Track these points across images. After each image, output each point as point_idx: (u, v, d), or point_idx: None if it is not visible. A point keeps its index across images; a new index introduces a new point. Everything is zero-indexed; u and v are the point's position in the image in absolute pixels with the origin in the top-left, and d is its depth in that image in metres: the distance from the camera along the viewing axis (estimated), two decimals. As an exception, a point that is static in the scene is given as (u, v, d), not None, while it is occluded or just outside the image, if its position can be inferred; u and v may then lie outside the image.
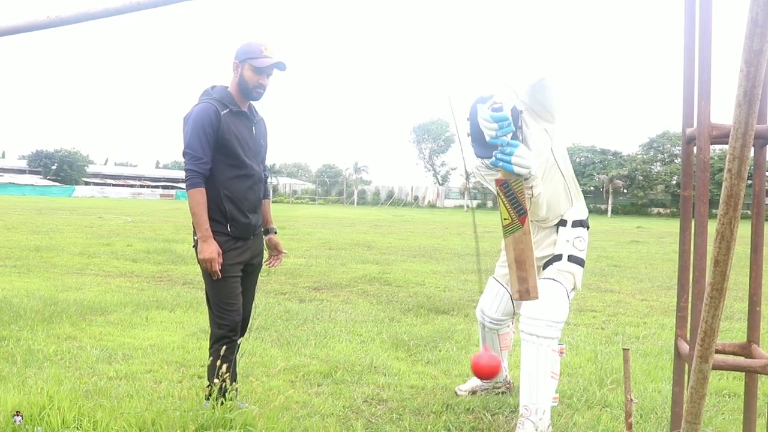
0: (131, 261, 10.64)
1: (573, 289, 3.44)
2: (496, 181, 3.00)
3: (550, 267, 3.46)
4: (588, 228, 3.54)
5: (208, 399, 3.15)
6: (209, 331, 3.42)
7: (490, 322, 3.88)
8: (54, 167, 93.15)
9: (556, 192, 3.41)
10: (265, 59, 3.28)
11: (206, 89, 3.39)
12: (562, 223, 3.49)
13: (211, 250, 3.19)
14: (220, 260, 3.23)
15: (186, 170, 3.21)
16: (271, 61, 3.29)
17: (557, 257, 3.44)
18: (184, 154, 3.23)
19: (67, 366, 4.35)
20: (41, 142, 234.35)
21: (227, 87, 3.38)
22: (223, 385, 3.11)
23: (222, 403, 3.00)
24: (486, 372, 3.16)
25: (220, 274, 3.24)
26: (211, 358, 3.28)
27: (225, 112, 3.26)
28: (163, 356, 4.67)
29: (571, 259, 3.42)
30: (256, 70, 3.29)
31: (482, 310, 3.89)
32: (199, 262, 3.26)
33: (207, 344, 5.03)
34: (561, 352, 3.53)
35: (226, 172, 3.28)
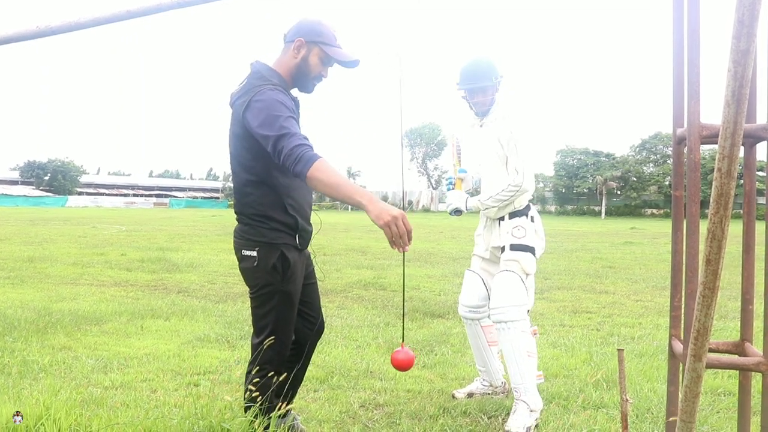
0: (125, 270, 10.60)
1: (526, 274, 3.74)
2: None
3: (501, 260, 3.81)
4: (528, 216, 3.81)
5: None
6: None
7: (469, 311, 4.04)
8: (47, 177, 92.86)
9: (498, 184, 3.79)
10: (339, 50, 2.76)
11: (256, 70, 2.75)
12: (502, 217, 3.84)
13: (391, 208, 2.34)
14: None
15: (294, 147, 2.43)
16: (347, 56, 2.77)
17: (503, 249, 3.81)
18: (280, 138, 2.46)
19: (63, 376, 4.33)
20: (33, 152, 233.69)
21: (271, 66, 2.78)
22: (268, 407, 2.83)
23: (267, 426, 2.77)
24: (400, 364, 2.93)
25: (408, 242, 2.38)
26: (252, 386, 2.85)
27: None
28: (158, 365, 4.65)
29: (513, 247, 3.75)
30: (325, 59, 2.75)
31: (460, 302, 4.13)
32: (381, 224, 2.34)
33: (203, 352, 5.04)
34: (534, 333, 3.82)
35: (287, 177, 2.72)
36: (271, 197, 2.75)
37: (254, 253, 2.76)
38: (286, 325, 2.89)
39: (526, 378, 3.60)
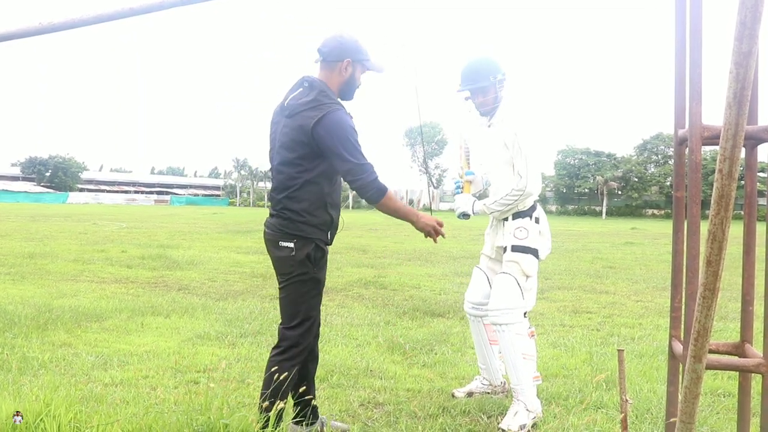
0: (126, 267, 10.61)
1: (526, 276, 3.74)
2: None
3: (503, 261, 3.83)
4: (532, 217, 3.80)
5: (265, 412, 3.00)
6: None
7: (472, 308, 4.07)
8: (48, 174, 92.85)
9: (505, 187, 3.78)
10: (375, 62, 3.18)
11: (321, 88, 3.07)
12: (507, 217, 3.84)
13: (430, 219, 3.24)
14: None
15: (372, 181, 3.01)
16: (383, 67, 3.20)
17: (505, 249, 3.81)
18: (357, 168, 2.98)
19: (63, 373, 4.33)
20: (35, 148, 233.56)
21: (324, 82, 3.11)
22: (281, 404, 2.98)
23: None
24: None
25: (444, 233, 3.26)
26: (278, 373, 3.03)
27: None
28: (158, 362, 4.66)
29: (514, 249, 3.75)
30: (364, 71, 3.18)
31: (465, 298, 4.16)
32: (421, 229, 3.26)
33: (203, 349, 5.05)
34: (531, 335, 3.79)
35: (332, 180, 3.12)
36: (315, 197, 3.07)
37: (291, 245, 3.06)
38: (314, 310, 3.18)
39: (522, 380, 3.62)
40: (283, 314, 3.18)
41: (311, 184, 3.06)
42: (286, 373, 3.05)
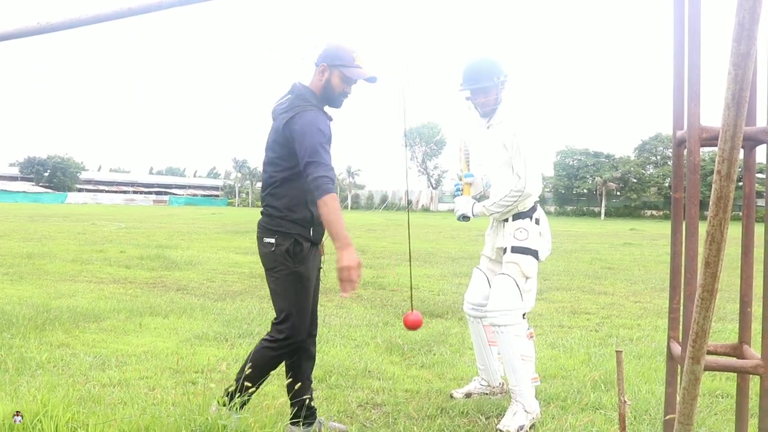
0: (124, 267, 10.60)
1: (525, 277, 3.74)
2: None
3: (503, 262, 3.83)
4: (532, 218, 3.80)
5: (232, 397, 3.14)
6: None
7: (472, 309, 4.06)
8: (46, 174, 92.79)
9: (505, 188, 3.77)
10: (356, 69, 3.17)
11: (299, 92, 3.17)
12: (507, 218, 3.84)
13: (357, 257, 2.91)
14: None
15: (317, 177, 2.95)
16: (364, 74, 3.18)
17: (505, 250, 3.80)
18: (309, 164, 2.97)
19: (60, 373, 4.33)
20: (33, 148, 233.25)
21: (308, 87, 3.21)
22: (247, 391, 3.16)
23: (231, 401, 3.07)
24: (411, 324, 3.54)
25: (356, 286, 2.95)
26: (256, 355, 3.20)
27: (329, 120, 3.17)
28: (156, 363, 4.65)
29: (514, 250, 3.75)
30: (345, 79, 3.18)
31: (465, 299, 4.15)
32: (339, 270, 2.89)
33: (201, 350, 5.04)
34: (530, 336, 3.78)
35: None
36: (295, 193, 3.14)
37: (273, 240, 3.16)
38: (300, 303, 3.21)
39: (521, 381, 3.62)
40: (274, 310, 3.28)
41: (290, 181, 3.14)
42: (263, 359, 3.19)
